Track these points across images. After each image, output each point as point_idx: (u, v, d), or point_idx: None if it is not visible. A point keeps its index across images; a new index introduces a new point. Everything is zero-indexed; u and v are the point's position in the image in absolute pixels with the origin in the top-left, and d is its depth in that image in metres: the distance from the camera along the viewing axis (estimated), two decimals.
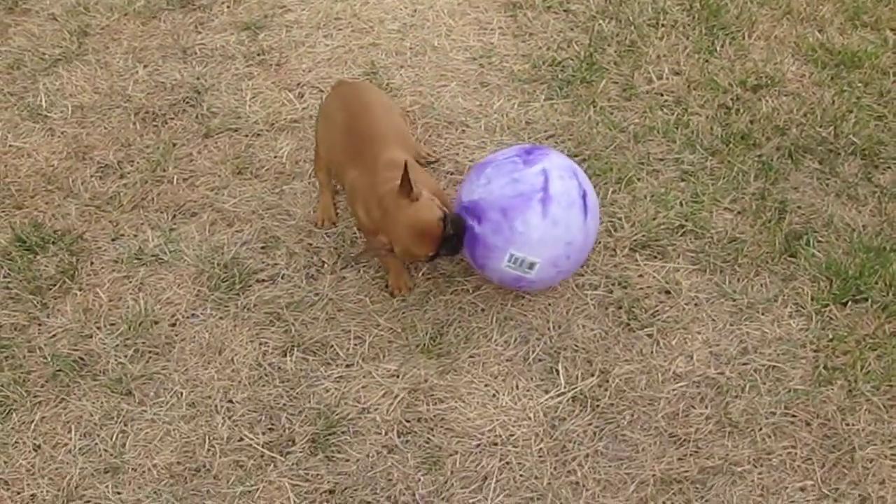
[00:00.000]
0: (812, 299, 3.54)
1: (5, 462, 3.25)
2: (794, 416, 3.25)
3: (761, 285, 3.59)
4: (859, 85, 4.29)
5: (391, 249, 3.22)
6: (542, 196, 3.22)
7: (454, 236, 3.23)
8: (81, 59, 4.60)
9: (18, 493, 3.18)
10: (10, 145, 4.21)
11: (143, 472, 3.19)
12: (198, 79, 4.44)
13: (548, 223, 3.21)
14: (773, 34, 4.53)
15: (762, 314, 3.51)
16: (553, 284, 3.48)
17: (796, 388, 3.31)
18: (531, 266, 3.24)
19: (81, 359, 3.48)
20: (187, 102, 4.34)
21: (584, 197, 3.29)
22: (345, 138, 3.49)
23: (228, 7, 4.80)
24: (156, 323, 3.56)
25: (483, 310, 3.53)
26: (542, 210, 3.21)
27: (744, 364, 3.37)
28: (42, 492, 3.17)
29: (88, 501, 3.14)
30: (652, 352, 3.41)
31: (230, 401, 3.34)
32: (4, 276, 3.73)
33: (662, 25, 4.57)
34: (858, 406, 3.26)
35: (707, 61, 4.39)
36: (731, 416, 3.24)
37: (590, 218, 3.31)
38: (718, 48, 4.45)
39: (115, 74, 4.50)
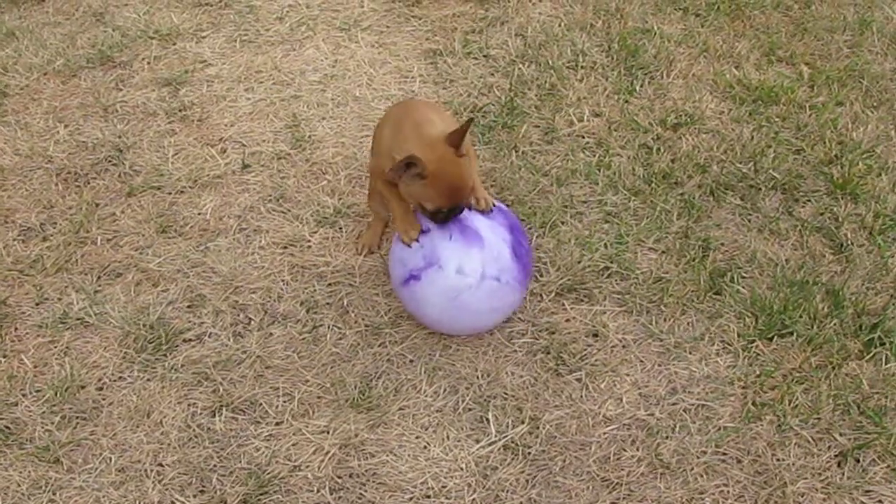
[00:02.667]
0: (738, 336, 3.57)
1: None
2: (724, 453, 3.26)
3: (688, 324, 3.62)
4: (777, 119, 4.35)
5: (421, 176, 3.15)
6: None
7: (458, 208, 3.26)
8: (1, 120, 4.56)
9: None
10: None
11: None
12: (119, 137, 4.41)
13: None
14: (692, 72, 4.59)
15: (689, 353, 3.53)
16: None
17: (726, 426, 3.32)
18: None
19: (7, 427, 3.42)
20: (109, 161, 4.31)
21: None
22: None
23: (149, 63, 4.78)
24: (82, 387, 3.51)
25: (411, 361, 3.53)
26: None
27: (673, 404, 3.39)
28: None
29: None
30: (581, 396, 3.42)
31: (160, 464, 3.30)
32: None
33: (582, 67, 4.61)
34: (788, 441, 3.28)
35: (627, 101, 4.43)
36: (663, 458, 3.25)
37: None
38: (638, 88, 4.50)
39: (36, 135, 4.47)
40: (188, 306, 3.73)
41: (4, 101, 4.67)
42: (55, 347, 3.64)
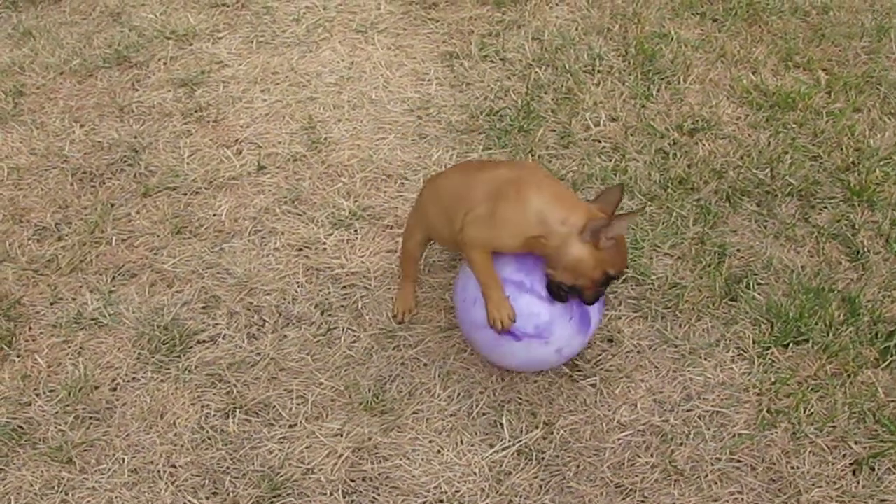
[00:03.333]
0: (754, 343, 3.55)
1: None
2: (739, 461, 3.25)
3: (703, 330, 3.60)
4: (794, 126, 4.34)
5: (609, 238, 3.00)
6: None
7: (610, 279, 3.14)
8: (17, 119, 4.57)
9: None
10: None
11: None
12: (135, 137, 4.42)
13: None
14: (708, 77, 4.57)
15: (705, 359, 3.51)
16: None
17: (741, 433, 3.31)
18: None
19: (20, 427, 3.42)
20: (125, 161, 4.31)
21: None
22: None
23: (165, 64, 4.79)
24: (96, 388, 3.52)
25: (426, 364, 3.52)
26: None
27: (688, 410, 3.38)
28: None
29: None
30: (596, 402, 3.41)
31: (173, 465, 3.30)
32: None
33: (599, 72, 4.60)
34: (803, 448, 3.26)
35: (644, 106, 4.42)
36: (677, 464, 3.23)
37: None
38: (654, 93, 4.49)
39: (52, 134, 4.47)
40: (203, 307, 3.72)
41: (21, 101, 4.67)
42: (69, 347, 3.64)
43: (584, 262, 3.03)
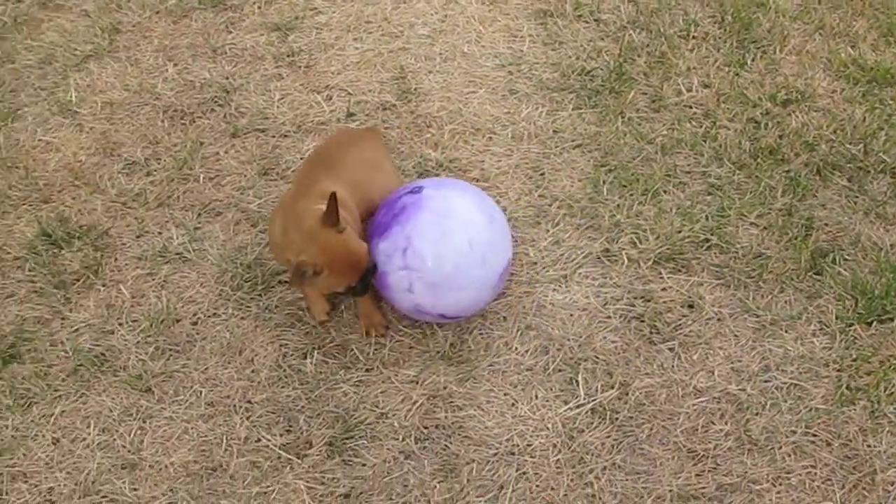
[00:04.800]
0: (836, 318, 3.51)
1: (24, 454, 3.26)
2: (814, 435, 3.22)
3: (785, 302, 3.56)
4: (891, 102, 4.25)
5: (317, 272, 3.11)
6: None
7: (368, 272, 3.22)
8: (112, 55, 4.62)
9: (36, 486, 3.19)
10: (40, 139, 4.23)
11: (160, 469, 3.20)
12: (227, 78, 4.45)
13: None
14: (805, 49, 4.50)
15: (785, 332, 3.48)
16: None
17: (818, 408, 3.28)
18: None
19: (103, 354, 3.49)
20: (216, 102, 4.35)
21: (443, 316, 3.38)
22: (307, 167, 3.51)
23: (259, 7, 4.81)
24: (178, 321, 3.57)
25: (505, 318, 3.52)
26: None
27: (765, 381, 3.35)
28: (59, 485, 3.18)
29: (105, 497, 3.15)
30: (673, 366, 3.39)
31: (249, 401, 3.34)
32: (29, 270, 3.75)
33: (693, 37, 4.55)
34: (881, 428, 3.23)
35: (737, 75, 4.36)
36: (751, 434, 3.21)
37: (466, 313, 3.45)
38: (749, 62, 4.42)
39: (145, 72, 4.52)
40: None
41: (116, 38, 4.72)
42: (153, 280, 3.70)
43: (316, 291, 3.46)
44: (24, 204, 3.99)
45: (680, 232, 3.74)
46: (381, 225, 3.31)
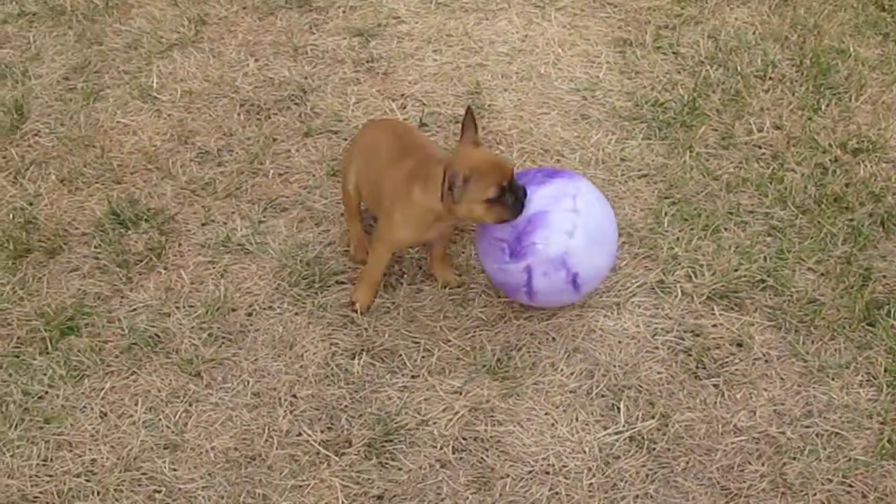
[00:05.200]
0: (885, 371, 3.50)
1: (72, 425, 3.35)
2: (850, 485, 3.21)
3: (835, 350, 3.56)
4: None
5: (466, 180, 3.18)
6: (527, 290, 3.43)
7: (522, 190, 3.30)
8: (196, 46, 4.73)
9: (80, 456, 3.27)
10: (118, 121, 4.35)
11: (201, 452, 3.27)
12: (305, 78, 4.54)
13: (537, 303, 3.54)
14: (881, 99, 4.49)
15: (832, 379, 3.48)
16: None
17: (857, 458, 3.27)
18: None
19: (157, 335, 3.57)
20: (292, 100, 4.44)
21: (573, 280, 3.41)
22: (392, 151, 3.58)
23: (344, 12, 4.89)
24: (233, 310, 3.65)
25: (553, 339, 3.56)
26: (528, 297, 3.47)
27: (806, 427, 3.35)
28: (102, 458, 3.26)
29: (145, 473, 3.23)
30: (716, 402, 3.40)
31: (294, 395, 3.41)
32: (95, 247, 3.85)
33: (770, 78, 4.56)
34: None
35: (810, 119, 4.37)
36: (787, 478, 3.22)
37: (584, 290, 3.50)
38: (823, 107, 4.42)
39: (227, 65, 4.62)
40: (346, 250, 3.82)
41: (202, 29, 4.83)
42: (213, 268, 3.78)
43: (468, 209, 3.27)
44: (96, 182, 4.10)
45: (737, 270, 3.75)
46: (537, 178, 3.43)
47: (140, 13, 4.92)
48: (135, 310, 3.65)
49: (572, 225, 3.33)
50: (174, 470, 3.23)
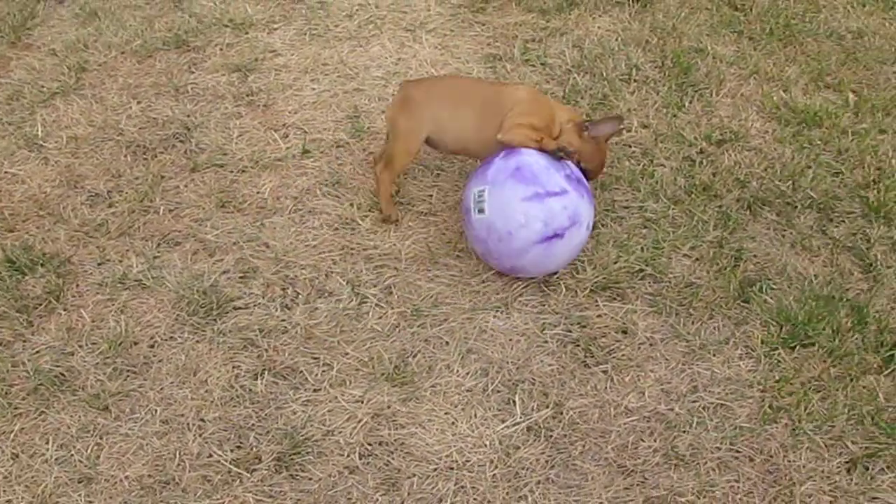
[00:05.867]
0: (762, 342, 3.69)
1: None
2: (738, 451, 3.39)
3: (714, 328, 3.75)
4: (819, 142, 4.48)
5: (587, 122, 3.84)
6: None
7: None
8: (78, 93, 4.80)
9: None
10: (6, 172, 4.40)
11: (116, 483, 3.33)
12: (188, 116, 4.64)
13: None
14: (740, 92, 4.73)
15: (713, 355, 3.66)
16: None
17: (742, 426, 3.45)
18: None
19: (62, 374, 3.62)
20: (177, 138, 4.53)
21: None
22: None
23: (221, 49, 5.00)
24: (135, 343, 3.72)
25: (447, 342, 3.69)
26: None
27: (693, 401, 3.52)
28: (17, 498, 3.29)
29: None
30: (606, 387, 3.56)
31: (202, 419, 3.49)
32: None
33: (635, 81, 4.77)
34: (800, 444, 3.40)
35: (675, 116, 4.58)
36: (678, 450, 3.38)
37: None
38: (687, 104, 4.65)
39: (110, 109, 4.70)
40: (241, 277, 3.92)
41: (83, 76, 4.91)
42: (113, 305, 3.85)
43: (572, 146, 3.82)
44: None
45: (616, 262, 3.93)
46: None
47: (19, 65, 4.99)
48: (38, 352, 3.70)
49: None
50: (90, 502, 3.28)
